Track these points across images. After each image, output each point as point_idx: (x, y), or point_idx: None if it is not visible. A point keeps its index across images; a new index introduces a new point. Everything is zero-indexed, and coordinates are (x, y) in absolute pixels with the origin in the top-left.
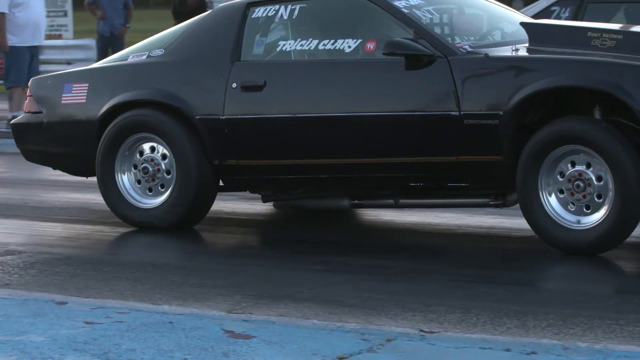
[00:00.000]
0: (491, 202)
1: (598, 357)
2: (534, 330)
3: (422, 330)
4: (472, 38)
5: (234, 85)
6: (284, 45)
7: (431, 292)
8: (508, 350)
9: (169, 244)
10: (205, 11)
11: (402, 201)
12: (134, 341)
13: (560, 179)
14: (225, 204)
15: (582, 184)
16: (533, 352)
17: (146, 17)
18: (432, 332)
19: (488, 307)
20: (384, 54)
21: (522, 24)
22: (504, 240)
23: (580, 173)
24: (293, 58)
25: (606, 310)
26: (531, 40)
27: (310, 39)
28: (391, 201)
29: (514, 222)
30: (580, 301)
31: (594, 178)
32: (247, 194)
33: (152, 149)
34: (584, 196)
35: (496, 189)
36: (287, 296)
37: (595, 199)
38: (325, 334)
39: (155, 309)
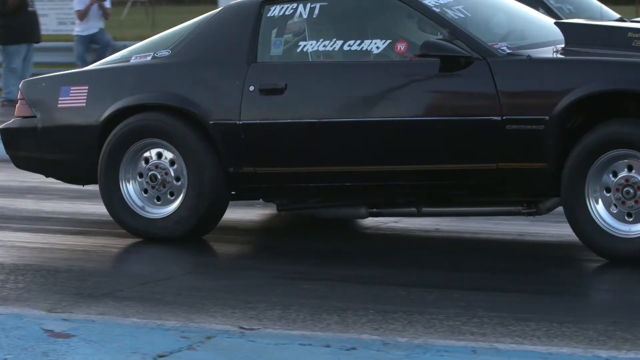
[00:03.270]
0: (523, 210)
1: (418, 351)
2: (354, 326)
3: (241, 327)
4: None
5: (251, 88)
6: (304, 45)
7: (251, 289)
8: (328, 346)
9: None
10: (27, 10)
11: (425, 209)
12: None
13: (609, 186)
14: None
15: (632, 190)
16: (353, 348)
17: None
18: (252, 329)
19: (308, 303)
20: (418, 55)
21: (558, 23)
22: (326, 236)
23: (627, 179)
24: (315, 59)
25: (426, 305)
26: (567, 41)
27: (334, 39)
28: (413, 209)
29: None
30: (400, 297)
31: None
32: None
33: (159, 155)
34: (637, 201)
35: (529, 196)
36: (107, 295)
37: None
38: (145, 332)
39: None
